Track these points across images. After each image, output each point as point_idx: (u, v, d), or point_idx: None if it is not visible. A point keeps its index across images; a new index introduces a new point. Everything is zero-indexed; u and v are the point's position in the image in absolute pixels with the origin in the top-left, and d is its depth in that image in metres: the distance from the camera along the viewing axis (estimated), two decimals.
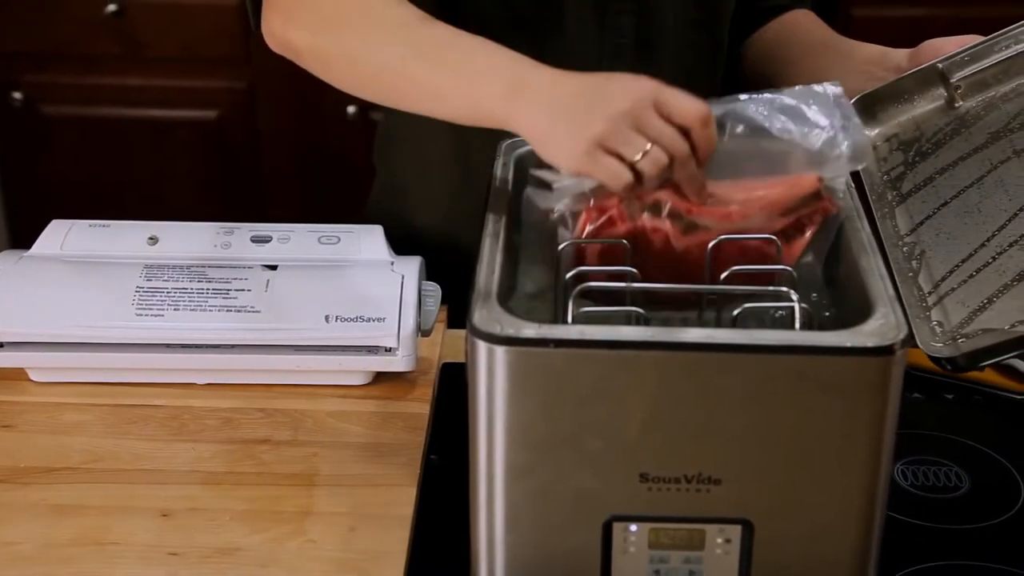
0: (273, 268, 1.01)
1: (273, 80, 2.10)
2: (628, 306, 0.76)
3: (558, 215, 0.81)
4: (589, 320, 0.74)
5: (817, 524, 0.72)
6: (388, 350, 0.98)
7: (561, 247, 0.81)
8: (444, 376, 1.03)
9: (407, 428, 0.96)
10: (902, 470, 0.94)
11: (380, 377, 1.01)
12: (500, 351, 0.69)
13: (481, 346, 0.70)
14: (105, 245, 1.03)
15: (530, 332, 0.69)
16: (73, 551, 0.83)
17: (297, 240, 1.04)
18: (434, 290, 1.02)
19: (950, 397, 1.03)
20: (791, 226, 0.81)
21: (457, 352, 0.96)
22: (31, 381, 1.00)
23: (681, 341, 0.69)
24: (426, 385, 1.01)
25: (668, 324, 0.76)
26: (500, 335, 0.69)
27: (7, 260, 1.02)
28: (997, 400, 1.02)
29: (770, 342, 0.69)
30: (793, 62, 1.15)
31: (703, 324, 0.79)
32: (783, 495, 0.72)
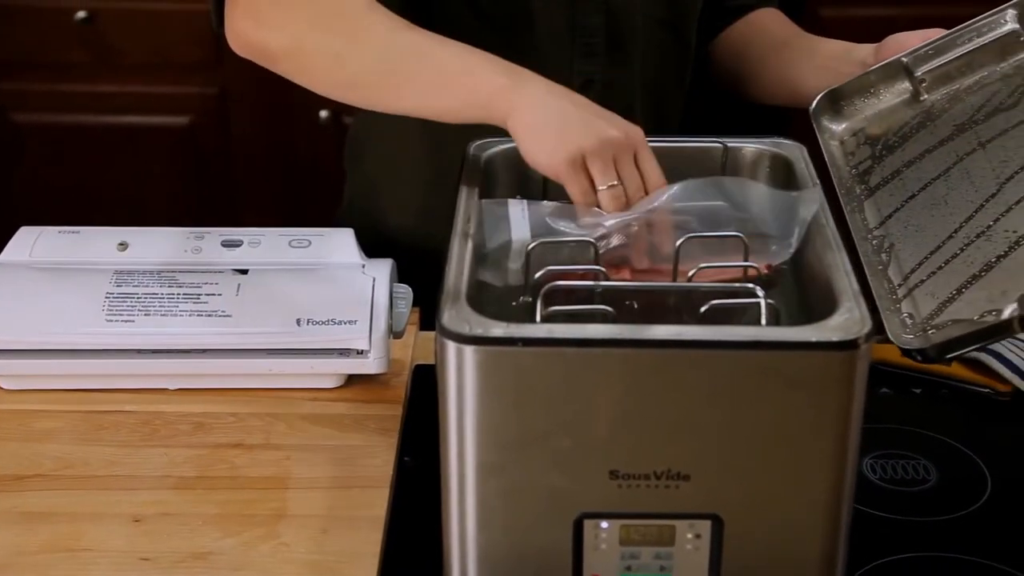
0: (244, 272, 1.01)
1: (245, 85, 2.10)
2: (596, 305, 0.77)
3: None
4: (559, 318, 0.74)
5: (786, 517, 0.73)
6: (360, 353, 0.98)
7: (530, 247, 0.81)
8: (417, 378, 1.03)
9: (380, 430, 0.97)
10: (871, 464, 0.95)
11: (352, 380, 1.01)
12: (469, 351, 0.70)
13: (450, 346, 0.70)
14: (74, 251, 1.03)
15: (498, 331, 0.70)
16: (45, 558, 0.83)
17: (268, 244, 1.04)
18: (405, 292, 1.02)
19: (918, 392, 1.03)
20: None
21: (430, 354, 0.97)
22: (1, 389, 1.00)
23: (649, 338, 0.69)
24: (399, 387, 1.01)
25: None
26: (469, 335, 0.69)
27: None
28: (964, 394, 1.03)
29: (736, 338, 0.70)
30: (759, 60, 1.16)
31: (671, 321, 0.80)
32: (751, 490, 0.72)
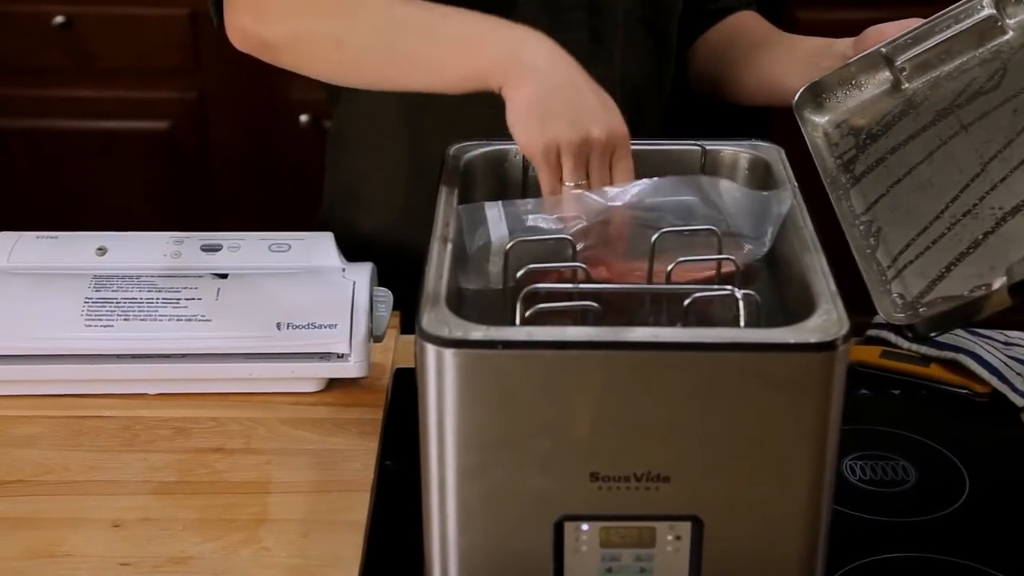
0: (223, 277, 1.01)
1: (224, 89, 2.09)
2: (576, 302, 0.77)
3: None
4: (545, 315, 0.74)
5: (765, 519, 0.73)
6: (340, 356, 0.98)
7: (508, 246, 0.81)
8: (397, 381, 1.03)
9: (361, 434, 0.97)
10: (850, 465, 0.95)
11: (333, 384, 1.01)
12: (448, 354, 0.70)
13: (430, 349, 0.70)
14: (53, 257, 1.03)
15: (478, 334, 0.70)
16: (24, 564, 0.83)
17: (247, 248, 1.04)
18: (386, 296, 1.02)
19: (897, 393, 1.04)
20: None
21: (410, 357, 0.96)
22: None
23: (627, 340, 0.69)
24: (379, 391, 1.01)
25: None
26: (448, 338, 0.70)
27: None
28: (942, 395, 1.03)
29: (715, 339, 0.70)
30: (739, 60, 1.17)
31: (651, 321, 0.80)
32: (731, 491, 0.72)
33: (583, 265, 0.80)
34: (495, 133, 0.89)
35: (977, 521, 0.90)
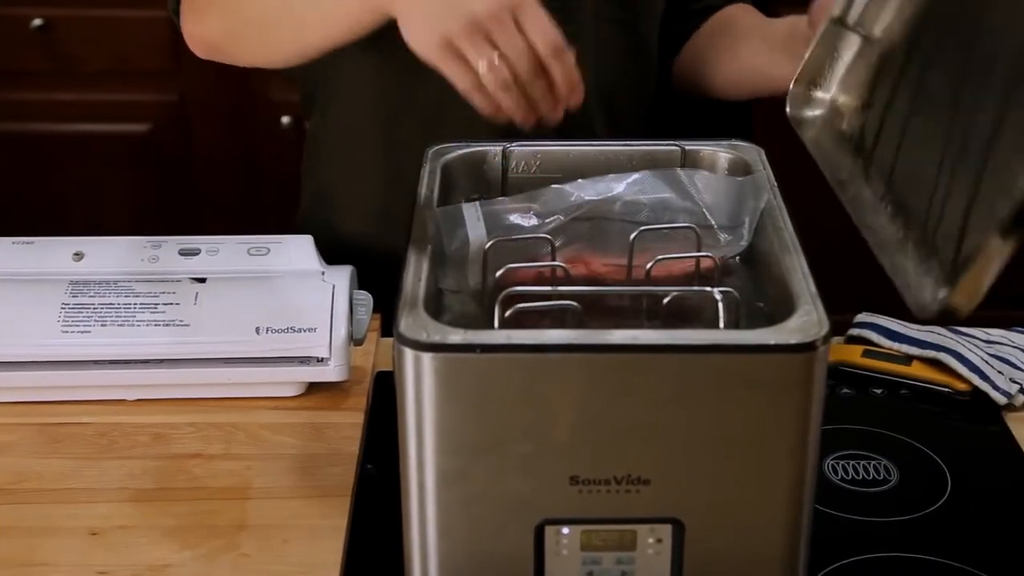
0: (202, 281, 1.00)
1: (205, 92, 2.08)
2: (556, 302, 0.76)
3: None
4: (522, 318, 0.74)
5: (746, 520, 0.73)
6: (320, 360, 0.98)
7: (487, 246, 0.81)
8: (378, 385, 1.03)
9: (341, 438, 0.96)
10: (832, 464, 0.95)
11: (313, 388, 1.01)
12: (427, 358, 0.69)
13: (408, 353, 0.70)
14: (29, 262, 1.02)
15: (456, 338, 0.69)
16: None
17: (226, 252, 1.03)
18: (366, 299, 1.02)
19: (879, 392, 1.04)
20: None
21: (391, 361, 0.96)
22: None
23: (607, 343, 0.69)
24: (360, 394, 1.01)
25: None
26: (426, 342, 0.69)
27: None
28: (924, 394, 1.03)
29: (694, 341, 0.70)
30: (722, 52, 1.15)
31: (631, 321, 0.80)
32: (712, 493, 0.72)
33: (562, 264, 0.80)
34: (472, 135, 0.89)
35: (959, 520, 0.90)
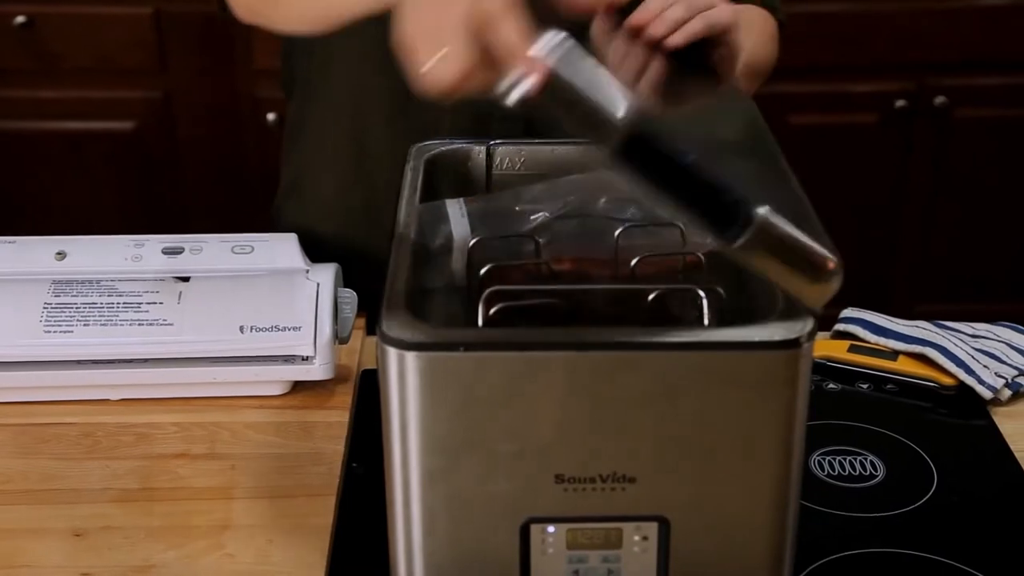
0: (185, 280, 1.00)
1: (190, 89, 2.07)
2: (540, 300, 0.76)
3: None
4: (507, 316, 0.73)
5: (732, 517, 0.73)
6: (305, 359, 0.97)
7: (471, 243, 0.80)
8: (364, 383, 1.02)
9: (327, 437, 0.96)
10: (818, 460, 0.95)
11: (298, 386, 1.00)
12: (410, 356, 0.69)
13: (391, 352, 0.69)
14: (11, 261, 1.01)
15: (439, 337, 0.69)
16: None
17: (210, 251, 1.03)
18: (351, 297, 1.01)
19: (865, 387, 1.04)
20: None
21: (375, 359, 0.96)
22: None
23: (590, 341, 0.69)
24: (345, 393, 1.01)
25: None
26: (410, 341, 0.69)
27: None
28: (909, 388, 1.03)
29: (679, 339, 0.69)
30: None
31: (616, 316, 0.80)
32: (697, 490, 0.72)
33: (547, 261, 0.80)
34: (439, 131, 0.88)
35: (945, 515, 0.90)
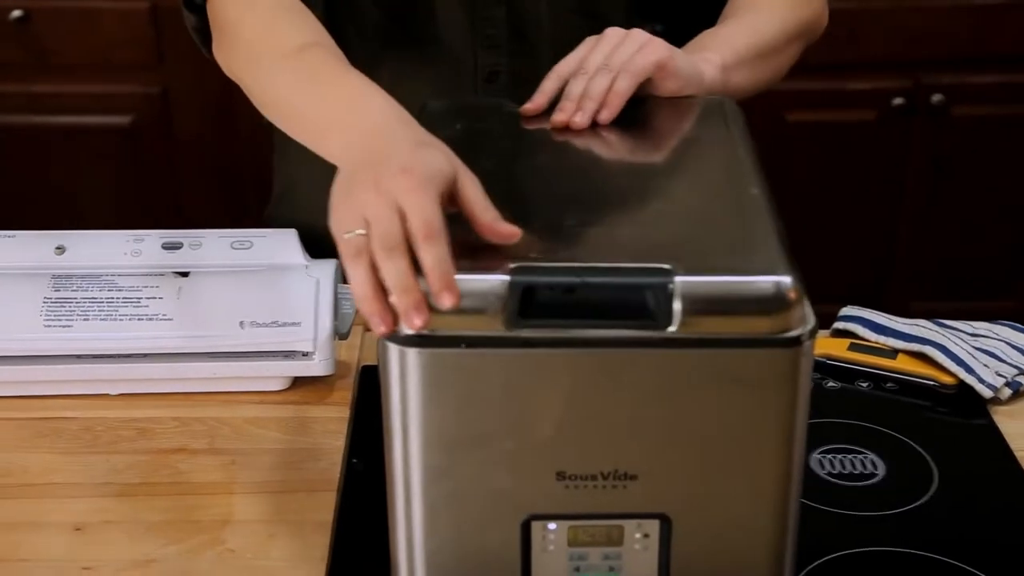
0: (185, 275, 1.00)
1: (187, 85, 2.07)
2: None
3: None
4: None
5: (733, 515, 0.73)
6: (305, 354, 0.97)
7: None
8: (364, 379, 1.02)
9: (327, 433, 0.96)
10: (819, 459, 0.95)
11: (298, 382, 1.00)
12: (411, 353, 0.69)
13: (392, 348, 0.69)
14: (10, 256, 1.01)
15: (441, 333, 0.69)
16: None
17: (209, 246, 1.03)
18: (350, 293, 1.01)
19: (864, 386, 1.04)
20: None
21: (376, 355, 0.96)
22: None
23: (592, 338, 0.69)
24: (345, 389, 1.01)
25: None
26: (411, 337, 0.69)
27: None
28: (910, 387, 1.03)
29: (680, 336, 0.69)
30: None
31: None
32: (699, 488, 0.72)
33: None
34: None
35: (945, 514, 0.90)
